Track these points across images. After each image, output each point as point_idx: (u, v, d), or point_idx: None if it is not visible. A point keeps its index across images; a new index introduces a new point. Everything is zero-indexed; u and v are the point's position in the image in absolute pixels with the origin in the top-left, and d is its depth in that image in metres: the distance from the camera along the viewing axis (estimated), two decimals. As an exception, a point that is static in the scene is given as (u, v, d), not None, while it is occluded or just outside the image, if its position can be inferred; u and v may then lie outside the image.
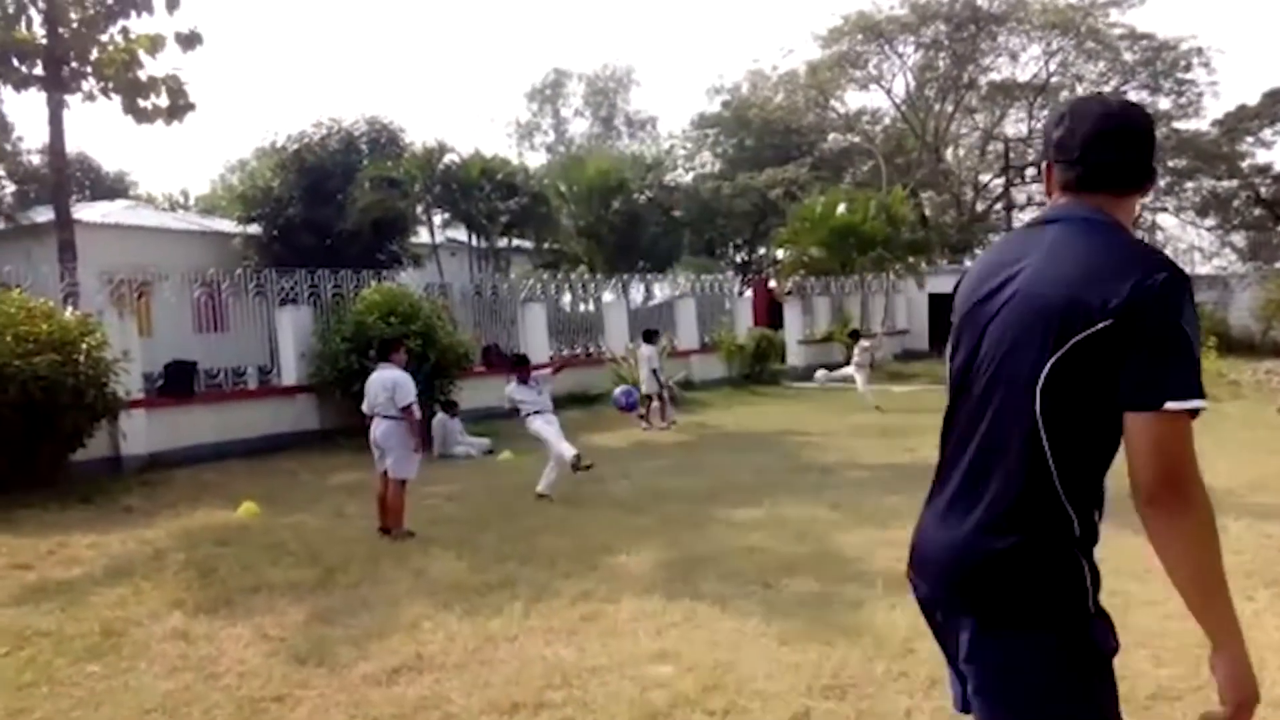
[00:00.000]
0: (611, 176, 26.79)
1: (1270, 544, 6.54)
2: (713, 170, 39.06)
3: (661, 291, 25.32)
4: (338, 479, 10.79)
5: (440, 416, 12.65)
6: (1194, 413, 1.67)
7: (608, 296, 21.04)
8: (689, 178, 39.20)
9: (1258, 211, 36.22)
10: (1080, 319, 1.70)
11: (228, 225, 22.53)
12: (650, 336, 15.59)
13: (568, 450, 9.08)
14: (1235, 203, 36.46)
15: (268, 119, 68.58)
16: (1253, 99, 35.75)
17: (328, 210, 20.40)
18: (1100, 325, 1.67)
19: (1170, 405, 1.65)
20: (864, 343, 17.10)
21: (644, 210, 27.02)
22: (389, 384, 7.89)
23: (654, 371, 14.90)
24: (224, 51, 79.84)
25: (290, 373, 14.11)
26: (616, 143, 46.03)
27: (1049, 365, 1.73)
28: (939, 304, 28.63)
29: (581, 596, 5.93)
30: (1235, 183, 36.15)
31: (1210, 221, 36.44)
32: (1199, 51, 32.88)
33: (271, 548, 7.59)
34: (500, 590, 6.13)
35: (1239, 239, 35.63)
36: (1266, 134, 36.11)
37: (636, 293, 23.92)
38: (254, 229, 21.30)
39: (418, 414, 8.09)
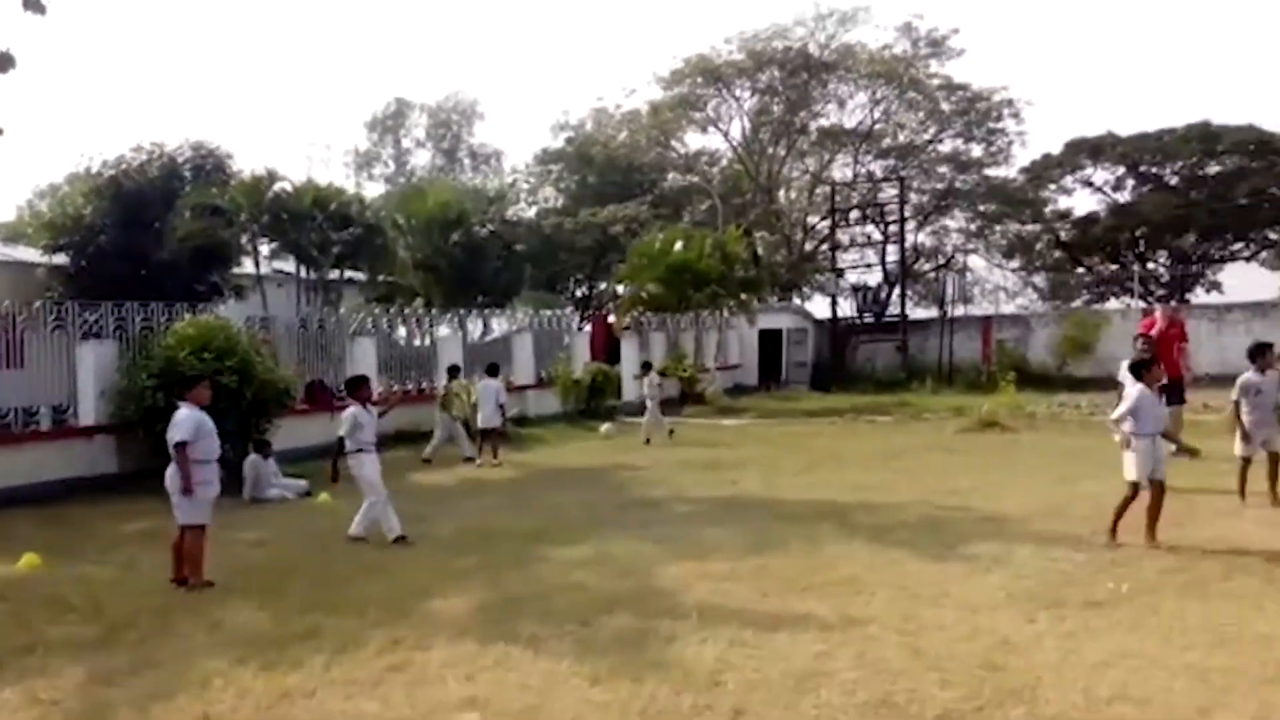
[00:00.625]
0: (452, 209, 26.50)
1: (1054, 568, 7.01)
2: (556, 205, 39.29)
3: (500, 326, 25.12)
4: (134, 526, 10.05)
5: (252, 457, 12.00)
6: None
7: (443, 331, 20.68)
8: (532, 212, 39.28)
9: (1058, 254, 39.35)
10: None
11: (32, 254, 20.89)
12: (494, 370, 15.50)
13: (394, 526, 8.74)
14: (1038, 246, 39.48)
15: (85, 143, 64.35)
16: (1056, 148, 39.01)
17: (145, 239, 19.21)
18: None
19: None
20: (652, 376, 17.38)
21: (485, 244, 26.80)
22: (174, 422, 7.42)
23: (500, 406, 14.84)
24: (40, 71, 74.52)
25: (89, 412, 13.13)
26: (459, 175, 45.66)
27: None
28: (770, 340, 29.70)
29: (390, 645, 5.71)
30: (1038, 227, 39.18)
31: (1015, 263, 39.30)
32: (1009, 103, 35.56)
33: (52, 603, 6.99)
34: (303, 642, 5.83)
35: (1040, 280, 38.56)
36: (1067, 181, 39.42)
37: (474, 327, 23.61)
38: (61, 259, 19.82)
39: (211, 454, 7.48)
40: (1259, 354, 9.33)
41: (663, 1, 72.78)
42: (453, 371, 16.08)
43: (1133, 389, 7.78)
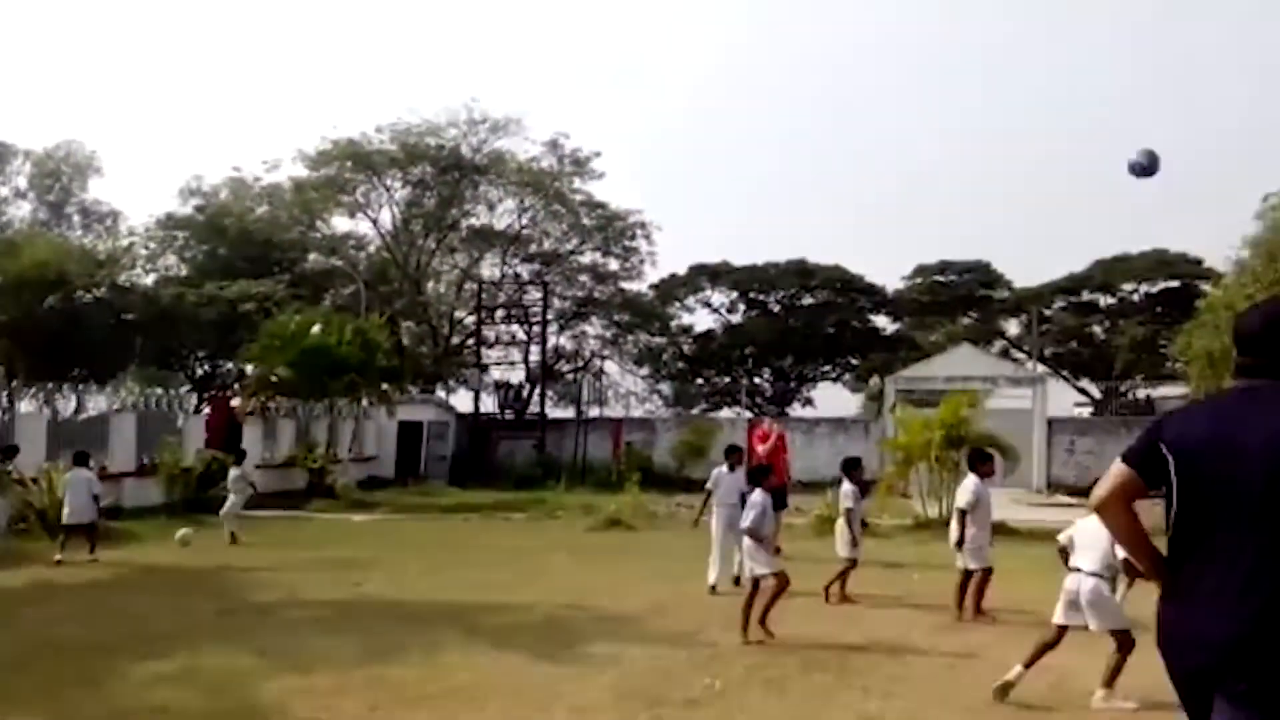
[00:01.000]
0: (51, 268, 23.45)
1: (659, 666, 7.37)
2: (179, 275, 36.09)
3: (99, 404, 22.33)
4: None
5: None
6: None
7: (25, 406, 17.99)
8: (150, 280, 35.77)
9: (681, 365, 42.92)
10: None
11: None
12: (82, 459, 13.76)
13: None
14: (664, 356, 42.80)
15: None
16: (682, 270, 42.82)
17: None
18: None
19: None
20: (235, 471, 16.25)
21: (89, 310, 23.92)
22: None
23: (95, 497, 13.25)
24: None
25: None
26: (67, 232, 40.53)
27: None
28: (410, 432, 29.12)
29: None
30: (665, 339, 42.51)
31: (644, 371, 42.22)
32: (643, 225, 38.53)
33: None
34: None
35: (666, 388, 41.69)
36: (690, 300, 43.38)
37: (66, 403, 20.78)
38: None
39: None
40: (980, 461, 9.59)
41: (308, 77, 71.16)
42: (7, 452, 14.50)
43: (760, 496, 8.49)
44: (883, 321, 44.40)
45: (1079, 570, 6.38)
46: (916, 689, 6.70)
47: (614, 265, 39.17)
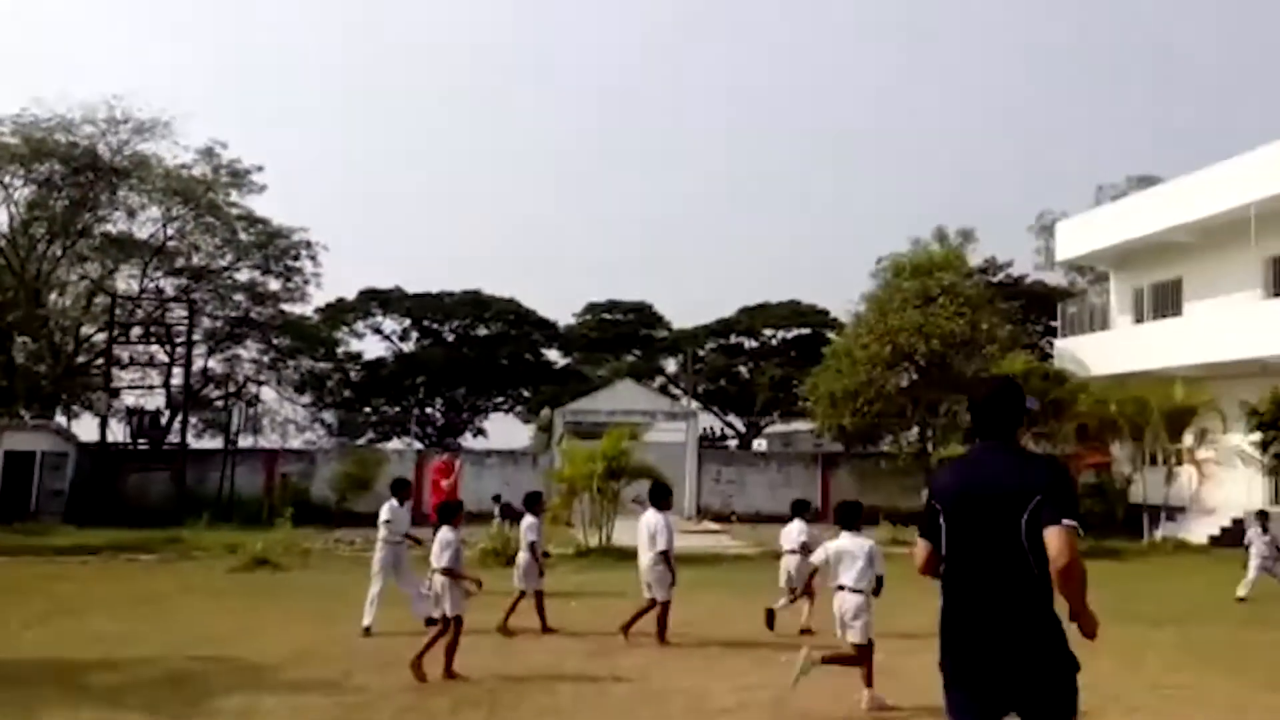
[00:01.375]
0: None
1: (301, 716, 6.89)
2: None
3: None
4: None
5: None
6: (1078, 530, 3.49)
7: None
8: None
9: (348, 393, 41.15)
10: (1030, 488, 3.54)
11: None
12: None
13: None
14: (329, 383, 40.83)
15: None
16: (351, 294, 41.22)
17: None
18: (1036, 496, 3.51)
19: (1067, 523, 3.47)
20: None
21: None
22: None
23: None
24: None
25: None
26: None
27: (1025, 517, 3.50)
28: (19, 463, 25.28)
29: None
30: (331, 365, 40.60)
31: (306, 398, 39.99)
32: (308, 245, 36.47)
33: None
34: None
35: (330, 416, 39.75)
36: (359, 326, 41.82)
37: None
38: None
39: None
40: (661, 496, 9.92)
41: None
42: None
43: (451, 534, 8.29)
44: (554, 355, 45.61)
45: (843, 588, 7.14)
46: (563, 719, 6.81)
47: (274, 285, 36.66)
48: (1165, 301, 27.07)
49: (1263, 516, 14.04)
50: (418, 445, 35.71)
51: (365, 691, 7.56)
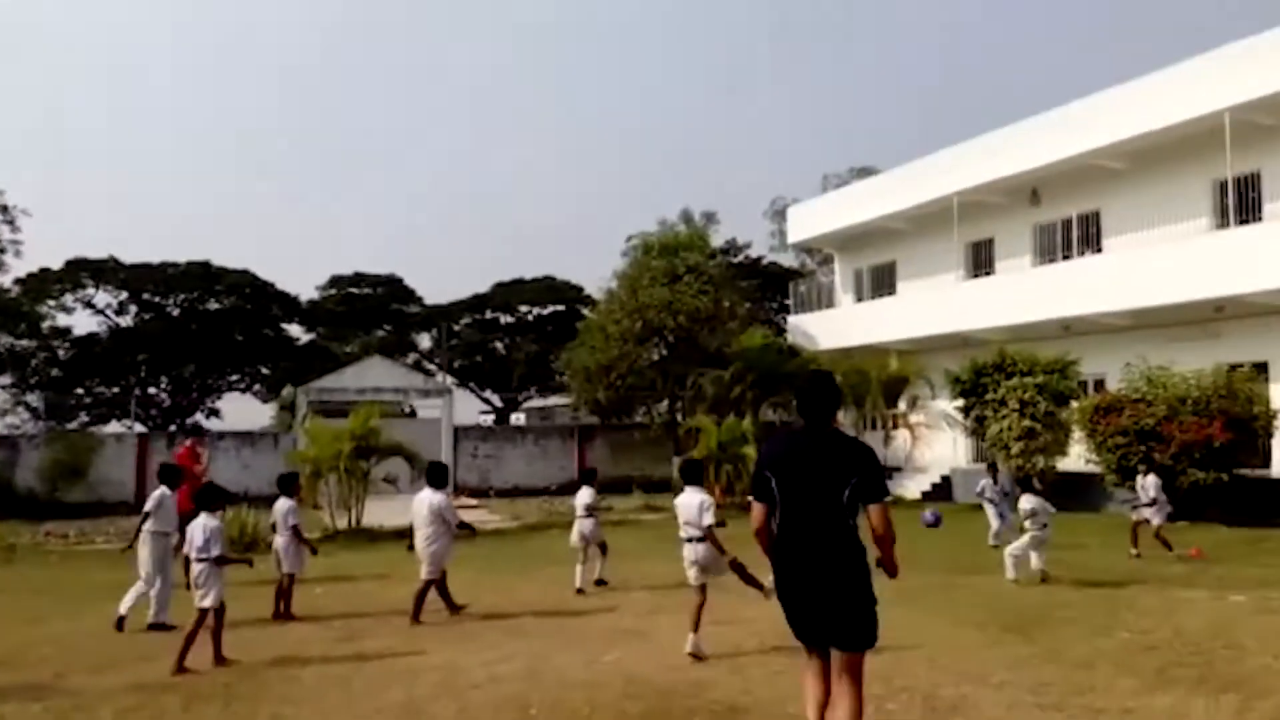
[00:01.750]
0: None
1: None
2: None
3: None
4: None
5: None
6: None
7: None
8: None
9: (56, 372, 36.96)
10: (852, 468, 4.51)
11: None
12: None
13: None
14: (34, 362, 36.56)
15: None
16: (57, 264, 36.95)
17: None
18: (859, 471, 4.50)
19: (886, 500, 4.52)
20: None
21: None
22: None
23: None
24: None
25: None
26: None
27: (847, 492, 4.46)
28: None
29: None
30: (35, 343, 36.35)
31: (7, 379, 35.61)
32: (4, 209, 32.44)
33: None
34: None
35: (35, 398, 35.53)
36: (68, 299, 37.58)
37: None
38: None
39: None
40: (437, 475, 9.88)
41: None
42: None
43: (212, 520, 7.88)
44: (297, 330, 43.23)
45: (690, 539, 7.82)
46: (305, 706, 6.54)
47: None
48: (882, 282, 29.71)
49: (992, 469, 15.67)
50: (140, 428, 32.74)
51: (80, 695, 6.90)
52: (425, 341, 45.80)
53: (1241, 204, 19.24)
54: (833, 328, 29.02)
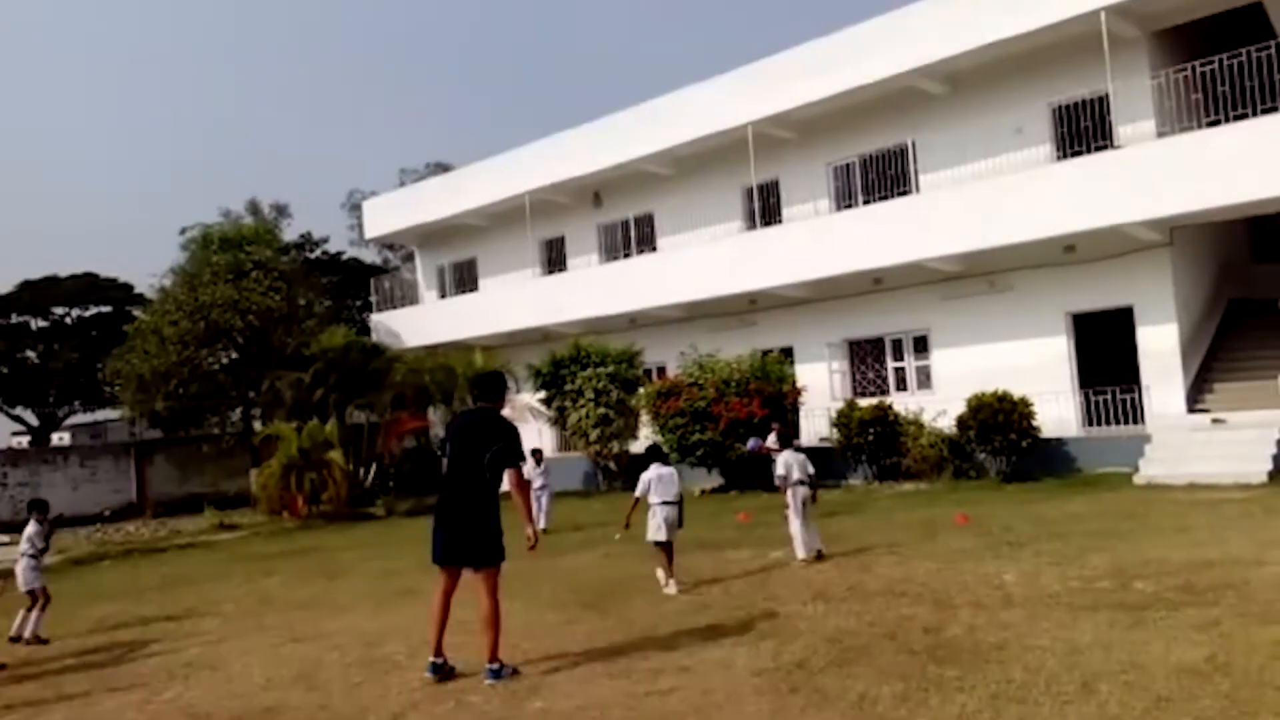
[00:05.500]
0: None
1: None
2: None
3: None
4: None
5: None
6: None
7: None
8: None
9: None
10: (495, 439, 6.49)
11: None
12: None
13: None
14: None
15: None
16: None
17: None
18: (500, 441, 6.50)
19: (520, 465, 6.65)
20: None
21: None
22: None
23: None
24: None
25: None
26: None
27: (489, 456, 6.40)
28: None
29: None
30: None
31: None
32: None
33: None
34: None
35: None
36: None
37: None
38: None
39: None
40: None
41: None
42: None
43: None
44: None
45: (666, 503, 9.40)
46: None
47: None
48: (464, 278, 30.09)
49: (536, 454, 16.10)
50: None
51: None
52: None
53: (765, 208, 22.22)
54: (418, 325, 28.83)
